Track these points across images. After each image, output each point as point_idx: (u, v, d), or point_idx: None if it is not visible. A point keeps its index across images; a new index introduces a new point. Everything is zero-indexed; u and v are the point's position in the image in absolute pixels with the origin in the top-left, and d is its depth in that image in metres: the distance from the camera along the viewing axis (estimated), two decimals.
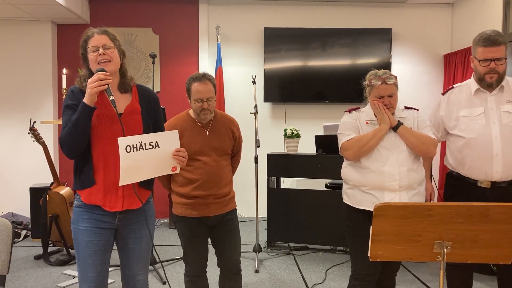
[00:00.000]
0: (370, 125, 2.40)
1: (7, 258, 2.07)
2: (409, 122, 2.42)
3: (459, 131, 2.50)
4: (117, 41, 2.06)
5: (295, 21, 5.86)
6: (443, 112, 2.60)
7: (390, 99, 2.37)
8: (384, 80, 2.35)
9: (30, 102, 5.59)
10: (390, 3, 5.90)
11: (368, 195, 2.33)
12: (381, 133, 2.33)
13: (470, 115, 2.47)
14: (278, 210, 4.48)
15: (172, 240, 4.85)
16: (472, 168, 2.46)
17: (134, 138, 1.96)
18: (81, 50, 2.05)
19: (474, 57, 2.48)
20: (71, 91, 2.04)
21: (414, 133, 2.36)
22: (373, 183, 2.31)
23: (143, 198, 2.11)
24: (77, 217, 2.06)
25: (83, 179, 2.02)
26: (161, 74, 5.86)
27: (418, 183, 2.35)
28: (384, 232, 1.75)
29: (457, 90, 2.59)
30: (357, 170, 2.39)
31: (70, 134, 1.93)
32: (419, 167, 2.38)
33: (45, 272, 3.90)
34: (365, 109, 2.48)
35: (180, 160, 2.10)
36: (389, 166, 2.30)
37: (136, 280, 2.16)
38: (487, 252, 1.76)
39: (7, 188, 5.55)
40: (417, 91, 6.00)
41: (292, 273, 3.86)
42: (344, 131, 2.45)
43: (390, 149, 2.33)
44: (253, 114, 4.23)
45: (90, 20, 5.75)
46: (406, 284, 3.61)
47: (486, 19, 5.13)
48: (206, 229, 2.57)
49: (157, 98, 2.22)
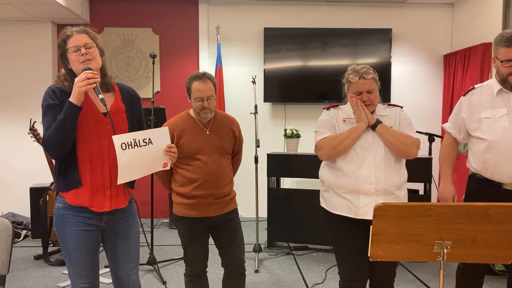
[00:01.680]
0: (347, 123, 2.27)
1: (7, 258, 2.06)
2: (390, 121, 2.27)
3: (481, 133, 2.42)
4: (97, 40, 2.04)
5: (295, 21, 5.86)
6: (464, 114, 2.51)
7: (370, 95, 2.21)
8: (361, 75, 2.20)
9: (30, 102, 5.59)
10: (390, 3, 5.90)
11: (343, 200, 2.22)
12: (357, 132, 2.19)
13: (493, 116, 2.38)
14: (278, 210, 4.48)
15: (172, 240, 4.85)
16: (496, 170, 2.38)
17: (128, 136, 1.97)
18: (59, 50, 2.01)
19: (495, 58, 2.40)
20: (51, 91, 1.99)
21: (394, 132, 2.21)
22: (348, 186, 2.19)
23: (129, 196, 2.12)
24: (62, 220, 2.01)
25: (68, 180, 1.98)
26: (161, 74, 5.86)
27: (397, 187, 2.21)
28: (384, 232, 1.74)
29: (478, 91, 2.50)
30: (332, 171, 2.28)
31: (56, 135, 1.89)
32: (399, 169, 2.24)
33: (45, 272, 3.90)
34: (344, 107, 2.36)
35: (171, 156, 2.13)
36: (365, 168, 2.17)
37: (130, 280, 2.15)
38: (487, 252, 1.75)
39: (7, 188, 5.55)
40: (417, 91, 6.01)
41: (292, 273, 3.86)
42: (319, 129, 2.32)
43: (367, 150, 2.19)
44: (253, 114, 4.23)
45: (90, 20, 5.76)
46: (406, 284, 3.61)
47: (486, 19, 5.13)
48: (206, 229, 2.56)
49: (138, 95, 2.22)
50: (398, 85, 5.92)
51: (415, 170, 4.10)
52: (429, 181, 4.11)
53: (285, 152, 4.73)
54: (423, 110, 5.96)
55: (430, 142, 4.32)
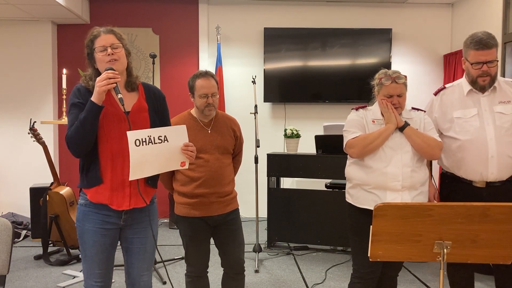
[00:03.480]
0: (376, 124, 2.40)
1: (7, 258, 2.07)
2: (415, 124, 2.41)
3: (453, 133, 2.49)
4: (124, 40, 2.07)
5: (295, 21, 5.86)
6: (436, 114, 2.58)
7: (399, 98, 2.36)
8: (394, 79, 2.34)
9: (30, 102, 5.59)
10: (390, 3, 5.90)
11: (371, 194, 2.34)
12: (387, 133, 2.32)
13: (464, 116, 2.46)
14: (278, 210, 4.48)
15: (173, 240, 4.85)
16: (468, 169, 2.46)
17: (143, 132, 1.96)
18: (87, 50, 2.04)
19: (465, 59, 2.46)
20: (77, 89, 2.04)
21: (420, 135, 2.35)
22: (376, 182, 2.32)
23: (149, 196, 2.12)
24: (82, 216, 2.06)
25: (90, 178, 2.02)
26: (161, 74, 5.86)
27: (421, 184, 2.35)
28: (384, 232, 1.75)
29: (449, 91, 2.58)
30: (361, 168, 2.39)
31: (77, 133, 1.93)
32: (422, 167, 2.37)
33: (45, 272, 3.90)
34: (372, 108, 2.48)
35: (189, 155, 2.09)
36: (393, 166, 2.30)
37: (141, 281, 2.15)
38: (487, 252, 1.76)
39: (7, 188, 5.55)
40: (417, 91, 5.96)
41: (292, 273, 3.86)
42: (349, 129, 2.44)
43: (395, 149, 2.32)
44: (253, 114, 4.23)
45: (90, 20, 5.76)
46: (406, 284, 3.61)
47: (486, 19, 5.13)
48: (208, 229, 2.56)
49: (163, 96, 2.23)
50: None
51: None
52: None
53: (285, 152, 4.73)
54: None
55: None
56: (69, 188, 4.36)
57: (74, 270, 3.90)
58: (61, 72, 5.15)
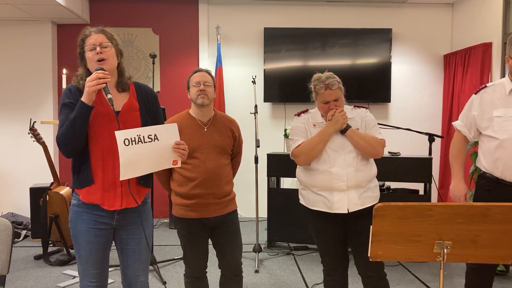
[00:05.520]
0: (317, 127, 2.45)
1: (7, 258, 2.06)
2: (357, 123, 2.45)
3: (492, 131, 2.41)
4: (114, 40, 2.06)
5: (295, 21, 5.86)
6: (475, 112, 2.50)
7: (336, 102, 2.41)
8: (327, 86, 2.39)
9: (30, 102, 5.59)
10: (390, 3, 5.90)
11: (319, 196, 2.40)
12: (326, 136, 2.37)
13: (505, 115, 2.37)
14: (278, 210, 4.48)
15: (172, 240, 4.85)
16: (506, 169, 2.38)
17: (132, 131, 1.95)
18: (78, 49, 2.05)
19: (510, 57, 2.38)
20: (68, 89, 2.04)
21: (362, 136, 2.40)
22: (322, 184, 2.38)
23: (141, 196, 2.11)
24: (75, 217, 2.06)
25: (81, 178, 2.02)
26: (161, 74, 5.86)
27: (368, 181, 2.41)
28: (384, 232, 1.74)
29: (490, 90, 2.48)
30: (307, 171, 2.45)
31: (67, 133, 1.93)
32: (367, 165, 2.42)
33: (45, 272, 3.90)
34: (313, 111, 2.55)
35: (180, 153, 2.08)
36: (337, 167, 2.35)
37: (138, 282, 2.15)
38: (487, 252, 1.75)
39: (7, 188, 5.55)
40: (417, 91, 6.01)
41: (292, 273, 3.86)
42: (293, 137, 2.51)
43: (337, 151, 2.38)
44: (253, 114, 4.23)
45: (90, 20, 5.76)
46: (406, 284, 3.61)
47: (486, 19, 5.13)
48: (206, 230, 2.55)
49: (155, 95, 2.22)
50: (398, 85, 5.92)
51: (415, 170, 4.12)
52: (429, 181, 4.10)
53: (285, 152, 4.72)
54: (423, 110, 5.96)
55: (430, 142, 4.30)
56: (69, 188, 4.36)
57: (74, 270, 3.90)
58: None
